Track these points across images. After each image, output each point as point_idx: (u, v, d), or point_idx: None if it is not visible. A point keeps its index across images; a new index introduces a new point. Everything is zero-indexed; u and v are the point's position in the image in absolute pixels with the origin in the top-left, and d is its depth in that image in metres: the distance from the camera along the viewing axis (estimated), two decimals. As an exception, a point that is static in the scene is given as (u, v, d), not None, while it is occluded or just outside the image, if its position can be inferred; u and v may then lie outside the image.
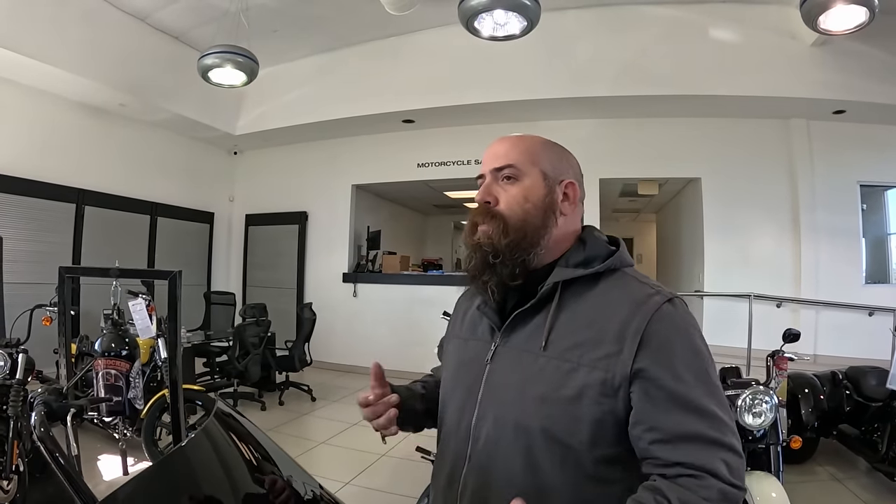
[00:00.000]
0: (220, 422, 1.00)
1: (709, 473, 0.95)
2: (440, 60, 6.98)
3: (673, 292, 1.07)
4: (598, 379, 1.00)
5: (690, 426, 0.97)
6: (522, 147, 1.17)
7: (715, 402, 1.00)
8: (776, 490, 2.66)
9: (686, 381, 0.99)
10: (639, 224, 14.21)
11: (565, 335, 1.06)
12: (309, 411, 6.33)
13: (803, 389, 4.42)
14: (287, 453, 1.11)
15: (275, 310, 7.26)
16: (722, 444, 0.97)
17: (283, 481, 1.06)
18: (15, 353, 3.47)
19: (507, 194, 1.14)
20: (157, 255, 8.28)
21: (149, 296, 4.56)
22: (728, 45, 6.14)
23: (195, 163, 9.05)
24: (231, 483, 0.98)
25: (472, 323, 1.26)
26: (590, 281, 1.10)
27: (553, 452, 1.03)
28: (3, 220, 6.20)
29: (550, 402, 1.03)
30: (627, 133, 7.28)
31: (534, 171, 1.14)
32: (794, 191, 6.79)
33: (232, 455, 1.01)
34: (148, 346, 4.49)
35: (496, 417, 1.10)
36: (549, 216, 1.13)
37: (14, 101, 6.38)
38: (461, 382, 1.21)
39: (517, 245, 1.10)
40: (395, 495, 3.97)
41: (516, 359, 1.11)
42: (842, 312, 6.53)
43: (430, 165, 8.17)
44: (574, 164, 1.22)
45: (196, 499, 0.87)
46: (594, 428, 1.01)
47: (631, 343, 1.00)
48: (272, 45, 7.10)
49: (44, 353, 4.40)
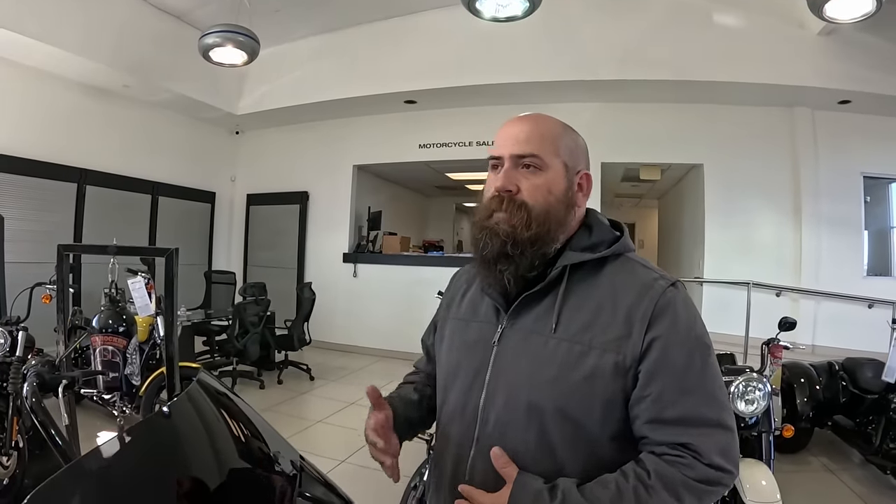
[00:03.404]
0: (203, 389, 1.01)
1: (694, 454, 0.98)
2: (442, 41, 6.93)
3: (675, 277, 1.10)
4: (610, 361, 1.03)
5: (684, 407, 1.00)
6: (544, 133, 1.13)
7: (711, 380, 1.03)
8: (766, 478, 2.66)
9: (686, 361, 1.02)
10: (641, 210, 14.20)
11: (574, 318, 1.07)
12: (307, 390, 6.36)
13: (799, 379, 4.42)
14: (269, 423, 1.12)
15: (275, 289, 7.29)
16: (716, 424, 1.00)
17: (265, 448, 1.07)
18: (15, 331, 3.50)
19: (530, 184, 1.10)
20: (158, 235, 8.28)
21: (148, 274, 4.58)
22: (734, 32, 6.09)
23: (197, 143, 9.03)
24: (212, 447, 0.99)
25: (473, 304, 1.25)
26: (596, 265, 1.11)
27: (566, 431, 1.04)
28: (5, 199, 6.19)
29: (562, 383, 1.05)
30: (630, 117, 7.23)
31: (556, 163, 1.12)
32: (797, 180, 6.76)
33: (214, 421, 1.02)
34: (147, 324, 4.52)
35: (507, 399, 1.10)
36: (569, 210, 1.13)
37: (16, 82, 6.36)
38: (465, 365, 1.19)
39: (539, 238, 1.09)
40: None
41: (525, 340, 1.11)
42: (841, 304, 6.52)
43: (432, 147, 8.13)
44: (585, 151, 1.20)
45: (176, 461, 0.88)
46: (606, 407, 1.04)
47: (640, 326, 1.02)
48: (274, 25, 7.06)
49: (45, 331, 4.42)
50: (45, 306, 4.35)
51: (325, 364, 7.40)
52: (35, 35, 5.65)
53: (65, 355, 2.30)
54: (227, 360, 6.34)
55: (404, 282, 8.15)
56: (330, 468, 4.00)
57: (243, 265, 9.66)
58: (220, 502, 0.87)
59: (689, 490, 0.97)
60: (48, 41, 5.79)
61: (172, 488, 0.81)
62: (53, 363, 1.95)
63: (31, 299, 4.40)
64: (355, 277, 8.60)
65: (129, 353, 4.45)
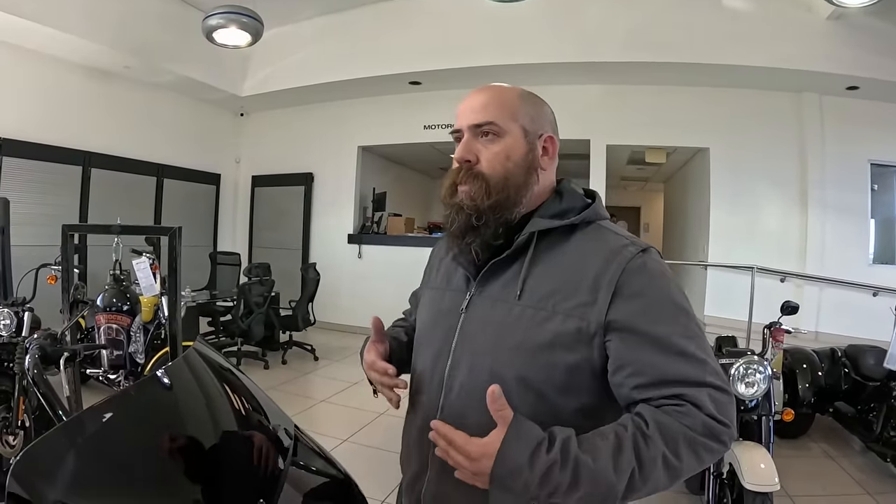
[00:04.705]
0: (199, 355, 1.03)
1: (693, 404, 0.95)
2: (447, 22, 6.89)
3: (647, 244, 1.08)
4: (572, 327, 1.01)
5: (673, 369, 0.97)
6: (501, 101, 1.13)
7: (695, 344, 1.00)
8: (765, 461, 2.66)
9: (663, 325, 0.99)
10: (646, 193, 14.16)
11: (540, 284, 1.07)
12: (311, 370, 6.41)
13: (801, 364, 4.42)
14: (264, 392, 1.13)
15: (280, 270, 7.32)
16: (707, 384, 0.97)
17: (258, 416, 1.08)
18: (21, 312, 3.53)
19: (489, 152, 1.11)
20: (163, 217, 8.30)
21: (153, 255, 4.60)
22: (741, 14, 6.01)
23: (201, 124, 9.02)
24: (206, 411, 1.00)
25: (448, 273, 1.26)
26: (565, 232, 1.10)
27: (528, 401, 1.02)
28: (11, 183, 6.20)
29: (525, 350, 1.04)
30: (636, 100, 7.18)
31: (514, 128, 1.11)
32: (804, 166, 6.71)
33: (208, 385, 1.03)
34: (152, 304, 4.54)
35: (471, 366, 1.10)
36: (530, 174, 1.12)
37: (18, 66, 6.35)
38: (435, 333, 1.20)
39: (500, 205, 1.09)
40: (391, 453, 4.02)
41: (491, 308, 1.11)
42: (846, 290, 6.49)
43: (437, 127, 8.09)
44: (550, 116, 1.19)
45: (170, 423, 0.89)
46: (568, 375, 1.02)
47: (605, 292, 1.01)
48: (278, 6, 6.99)
49: (51, 313, 4.45)
50: (51, 288, 4.36)
51: (329, 344, 7.44)
52: (34, 17, 5.61)
53: (67, 327, 2.32)
54: (231, 341, 6.39)
55: (409, 263, 8.11)
56: (333, 446, 4.04)
57: (248, 246, 9.69)
58: (212, 464, 0.87)
59: (688, 444, 0.94)
60: (48, 23, 5.75)
61: (165, 450, 0.82)
62: (55, 336, 1.97)
63: (37, 280, 4.42)
64: (360, 258, 8.63)
65: (132, 331, 4.48)
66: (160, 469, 0.81)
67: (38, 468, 0.66)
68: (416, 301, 1.43)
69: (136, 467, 0.78)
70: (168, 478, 0.81)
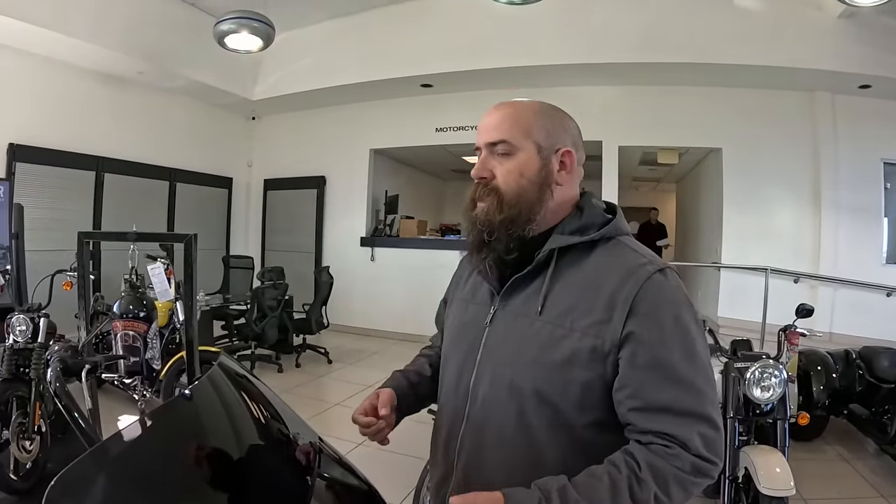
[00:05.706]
0: (223, 372, 1.04)
1: (681, 444, 0.98)
2: (458, 24, 6.89)
3: (665, 263, 1.10)
4: (588, 345, 1.03)
5: (669, 396, 1.00)
6: (514, 118, 1.15)
7: (697, 372, 1.02)
8: (780, 465, 2.66)
9: (670, 349, 1.01)
10: (658, 194, 14.06)
11: (560, 300, 1.09)
12: (325, 373, 6.44)
13: (815, 367, 4.38)
14: (287, 405, 1.15)
15: (293, 274, 7.35)
16: (699, 416, 1.00)
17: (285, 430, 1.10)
18: (37, 318, 3.56)
19: (503, 168, 1.14)
20: (176, 221, 8.37)
21: (167, 260, 4.63)
22: (752, 13, 5.98)
23: (213, 129, 9.07)
24: (233, 429, 1.01)
25: (474, 286, 1.29)
26: (585, 248, 1.12)
27: (544, 414, 1.06)
28: (24, 189, 6.23)
29: (542, 365, 1.07)
30: (647, 101, 7.16)
31: (527, 145, 1.13)
32: (817, 165, 6.67)
33: (234, 403, 1.05)
34: (166, 309, 4.57)
35: (493, 378, 1.14)
36: (544, 190, 1.14)
37: (32, 72, 6.41)
38: (461, 344, 1.24)
39: (512, 221, 1.12)
40: (406, 456, 4.03)
41: (513, 322, 1.14)
42: (860, 291, 6.44)
43: (449, 130, 8.11)
44: (571, 129, 1.21)
45: (198, 444, 0.90)
46: (583, 391, 1.05)
47: (621, 311, 1.02)
48: (289, 10, 7.04)
49: (66, 318, 4.49)
50: (67, 293, 4.41)
51: (343, 347, 7.47)
52: (46, 24, 5.66)
53: (87, 340, 2.34)
54: (245, 345, 6.40)
55: (422, 265, 8.16)
56: (348, 450, 4.05)
57: (261, 250, 9.74)
58: (242, 483, 0.89)
59: (678, 483, 0.97)
60: (60, 30, 5.80)
61: (194, 470, 0.84)
62: (76, 349, 2.00)
63: (52, 286, 4.45)
64: (373, 261, 8.64)
65: (149, 337, 4.52)
66: (191, 489, 0.82)
67: (71, 492, 0.67)
68: (444, 310, 1.44)
69: (169, 489, 0.79)
70: (200, 498, 0.82)
